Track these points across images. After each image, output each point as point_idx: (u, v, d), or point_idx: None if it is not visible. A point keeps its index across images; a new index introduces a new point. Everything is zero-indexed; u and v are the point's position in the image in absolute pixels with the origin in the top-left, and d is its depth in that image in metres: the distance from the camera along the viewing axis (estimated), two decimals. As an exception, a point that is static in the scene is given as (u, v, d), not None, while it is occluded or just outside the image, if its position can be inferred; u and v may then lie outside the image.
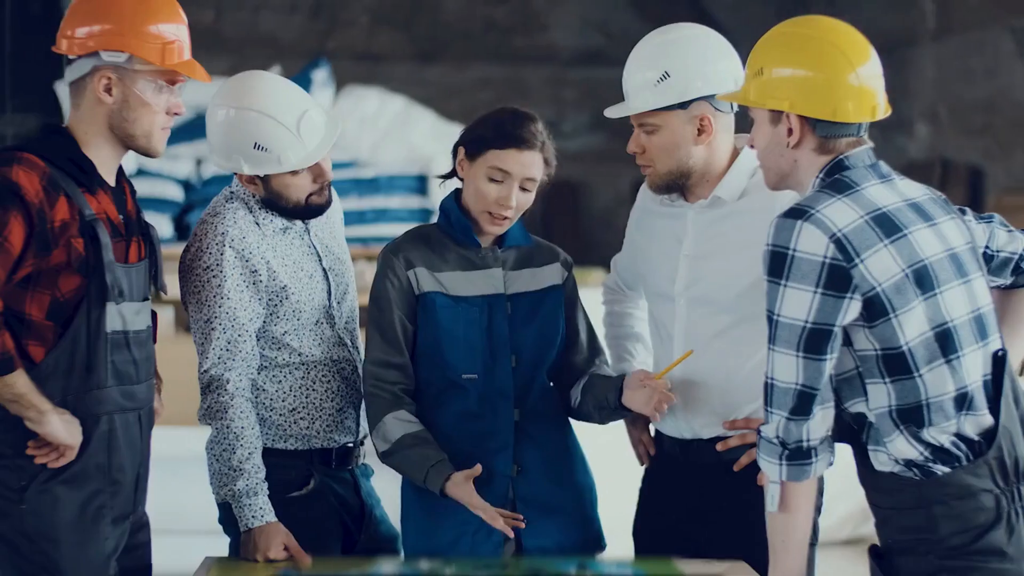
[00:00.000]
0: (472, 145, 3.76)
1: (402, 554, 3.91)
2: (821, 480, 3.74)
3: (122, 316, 3.52)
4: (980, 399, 3.10)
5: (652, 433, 3.97)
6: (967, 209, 3.42)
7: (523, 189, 3.74)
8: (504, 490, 3.79)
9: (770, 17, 10.97)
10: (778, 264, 3.09)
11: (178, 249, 4.03)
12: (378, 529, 4.03)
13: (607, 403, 3.76)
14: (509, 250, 3.85)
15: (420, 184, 8.29)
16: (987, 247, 3.39)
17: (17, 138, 8.86)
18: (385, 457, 3.76)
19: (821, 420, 3.14)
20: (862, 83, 3.18)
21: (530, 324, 3.82)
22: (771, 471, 3.18)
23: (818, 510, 3.77)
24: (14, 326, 3.44)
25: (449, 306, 3.80)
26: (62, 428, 3.42)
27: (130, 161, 7.95)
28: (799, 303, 3.07)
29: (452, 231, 3.83)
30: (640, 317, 4.05)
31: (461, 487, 3.67)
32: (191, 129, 8.09)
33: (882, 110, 3.22)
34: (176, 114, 3.62)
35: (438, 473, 3.69)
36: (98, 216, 3.48)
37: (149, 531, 3.75)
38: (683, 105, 3.69)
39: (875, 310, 3.05)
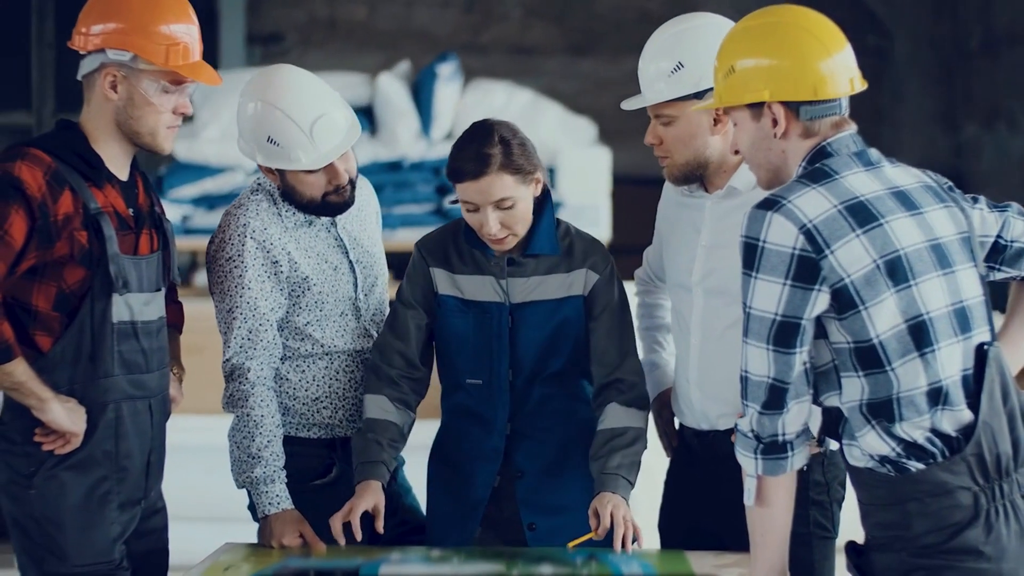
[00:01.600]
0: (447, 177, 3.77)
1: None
2: (843, 473, 3.70)
3: (129, 307, 3.61)
4: (957, 394, 3.02)
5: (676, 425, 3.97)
6: (980, 197, 3.35)
7: (502, 209, 3.71)
8: (483, 495, 3.87)
9: (926, 7, 10.76)
10: (749, 256, 3.06)
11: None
12: (406, 518, 4.08)
13: None
14: (529, 259, 3.82)
15: (547, 177, 8.26)
16: (1000, 237, 3.30)
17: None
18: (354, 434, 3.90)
19: (796, 414, 3.09)
20: (834, 58, 3.13)
21: (536, 335, 3.82)
22: (747, 465, 3.16)
23: (839, 504, 3.73)
24: (21, 317, 3.56)
25: (460, 310, 3.84)
26: (64, 415, 3.53)
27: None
28: (769, 295, 3.04)
29: (472, 233, 3.84)
30: (670, 307, 4.03)
31: (361, 493, 3.74)
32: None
33: (859, 82, 3.17)
34: (183, 114, 3.67)
35: (360, 472, 3.78)
36: (104, 209, 3.57)
37: (165, 516, 3.86)
38: (698, 95, 3.66)
39: (844, 302, 3.00)
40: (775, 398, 3.07)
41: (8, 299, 3.54)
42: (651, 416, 3.97)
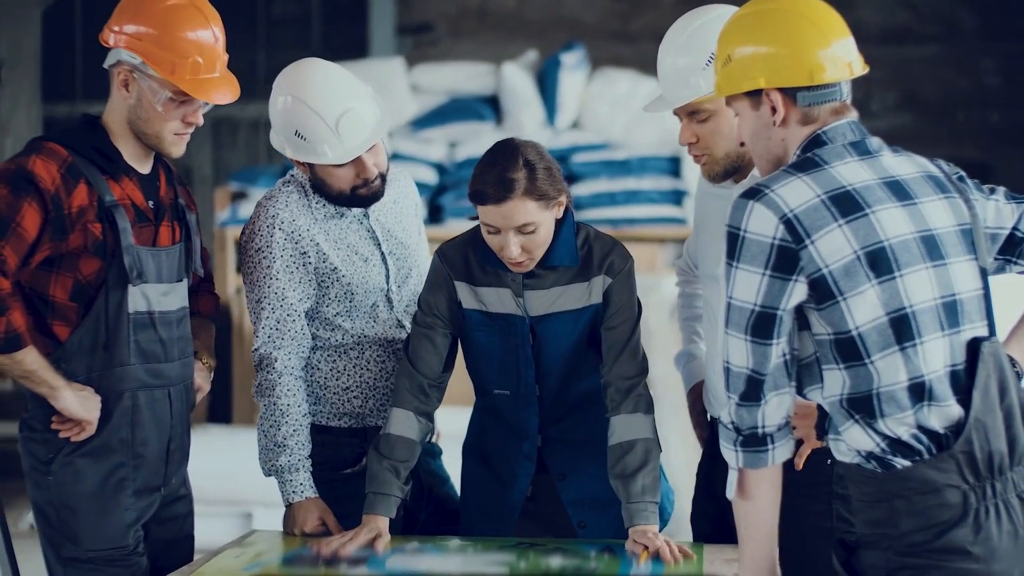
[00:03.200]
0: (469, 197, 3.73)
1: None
2: None
3: (146, 297, 3.68)
4: (943, 389, 2.93)
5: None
6: (999, 188, 3.27)
7: (523, 233, 3.65)
8: (519, 498, 3.87)
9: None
10: (731, 245, 3.01)
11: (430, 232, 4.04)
12: (441, 508, 4.12)
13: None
14: (548, 271, 3.77)
15: (673, 165, 8.23)
16: (1017, 228, 3.23)
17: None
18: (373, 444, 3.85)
19: (776, 406, 3.03)
20: (831, 43, 3.07)
21: (560, 347, 3.79)
22: (728, 457, 3.10)
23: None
24: (39, 307, 3.65)
25: (485, 324, 3.82)
26: (76, 403, 3.61)
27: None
28: (749, 286, 2.98)
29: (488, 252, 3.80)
30: (707, 298, 3.99)
31: (365, 524, 3.73)
32: (443, 113, 8.26)
33: (859, 66, 3.10)
34: (191, 123, 3.71)
35: (369, 503, 3.74)
36: (120, 202, 3.64)
37: (189, 503, 3.94)
38: None
39: (821, 292, 2.93)
40: (752, 389, 3.02)
41: (26, 289, 3.63)
42: (687, 407, 3.97)
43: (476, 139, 8.18)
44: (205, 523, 4.48)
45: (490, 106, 8.32)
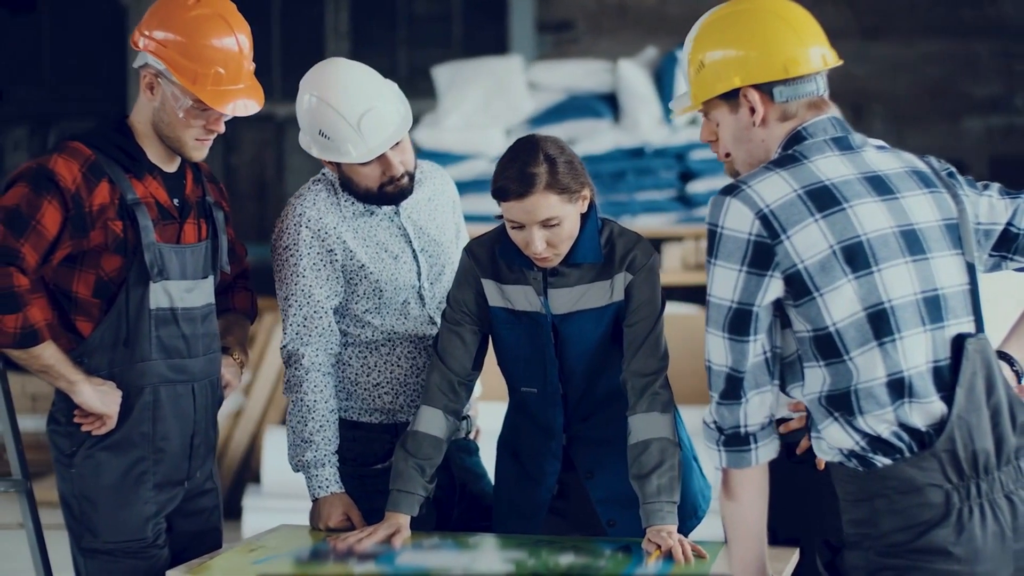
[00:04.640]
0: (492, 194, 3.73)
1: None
2: None
3: (168, 294, 3.75)
4: (925, 386, 2.87)
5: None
6: (992, 184, 3.23)
7: (547, 227, 3.65)
8: (547, 495, 3.88)
9: None
10: (710, 242, 2.99)
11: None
12: (475, 504, 4.12)
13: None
14: (572, 268, 3.76)
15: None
16: (1011, 224, 3.19)
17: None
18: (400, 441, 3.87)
19: (758, 405, 3.00)
20: (802, 37, 3.05)
21: (583, 345, 3.78)
22: (711, 457, 3.08)
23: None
24: (63, 303, 3.73)
25: (510, 322, 3.82)
26: (95, 397, 3.68)
27: (499, 141, 8.19)
28: (726, 282, 2.96)
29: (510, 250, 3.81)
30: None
31: (386, 519, 3.75)
32: (561, 111, 8.26)
33: (832, 58, 3.08)
34: (213, 131, 3.77)
35: (393, 501, 3.76)
36: (143, 200, 3.71)
37: (215, 496, 4.00)
38: None
39: (797, 288, 2.90)
40: (732, 387, 2.99)
41: (50, 286, 3.72)
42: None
43: (594, 137, 8.16)
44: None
45: (608, 104, 8.29)
